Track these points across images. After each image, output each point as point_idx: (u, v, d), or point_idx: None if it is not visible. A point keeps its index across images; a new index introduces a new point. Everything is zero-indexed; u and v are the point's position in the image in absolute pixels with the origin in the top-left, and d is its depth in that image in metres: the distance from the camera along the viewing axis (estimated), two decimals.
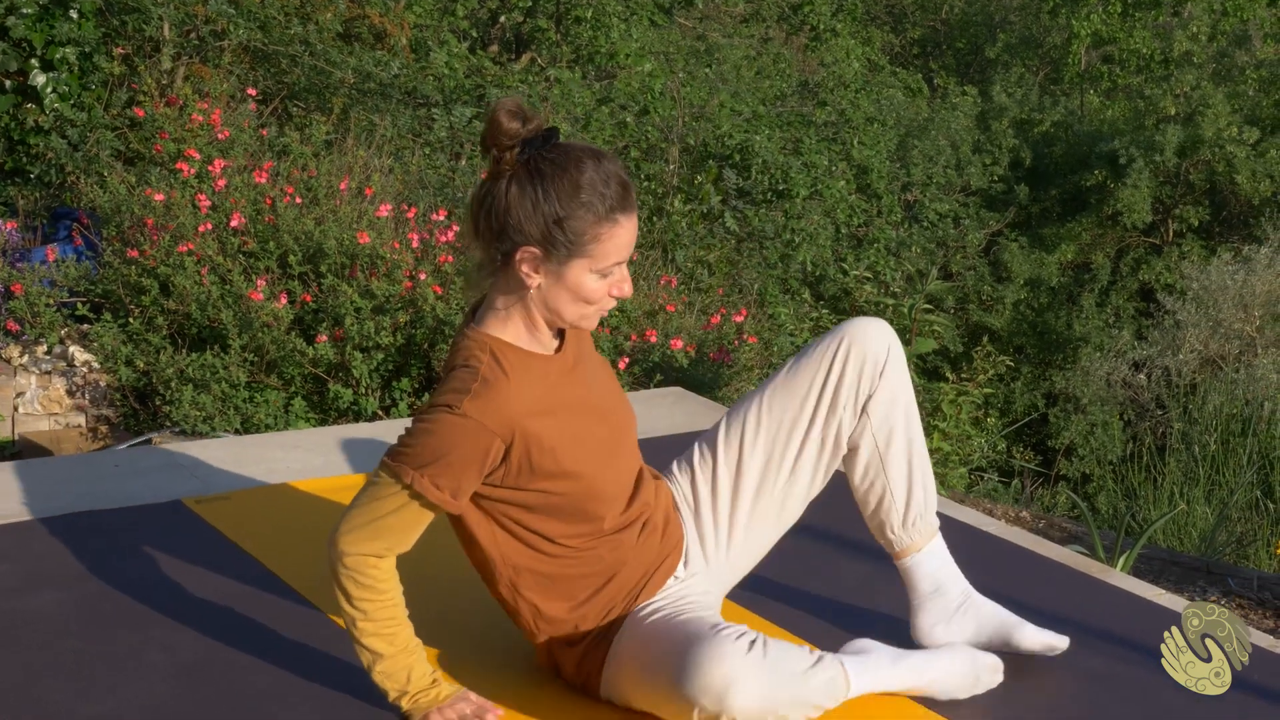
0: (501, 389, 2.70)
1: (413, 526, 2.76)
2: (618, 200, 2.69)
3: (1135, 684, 3.17)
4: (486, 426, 2.68)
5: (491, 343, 2.77)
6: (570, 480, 2.79)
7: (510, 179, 2.68)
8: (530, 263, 2.70)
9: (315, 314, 5.88)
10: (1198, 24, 17.94)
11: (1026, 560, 3.91)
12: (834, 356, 3.08)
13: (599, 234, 2.68)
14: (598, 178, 2.67)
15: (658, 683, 2.73)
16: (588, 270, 2.71)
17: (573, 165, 2.67)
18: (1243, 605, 4.41)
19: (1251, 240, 13.84)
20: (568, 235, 2.66)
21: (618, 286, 2.76)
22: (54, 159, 7.67)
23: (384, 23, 10.48)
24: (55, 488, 4.02)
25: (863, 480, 3.14)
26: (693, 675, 2.63)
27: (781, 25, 16.49)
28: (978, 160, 14.85)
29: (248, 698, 2.90)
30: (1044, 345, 15.16)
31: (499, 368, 2.73)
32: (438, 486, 2.69)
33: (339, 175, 6.54)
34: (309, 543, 3.69)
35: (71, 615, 3.23)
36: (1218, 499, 6.83)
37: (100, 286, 6.29)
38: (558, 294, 2.74)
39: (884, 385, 3.08)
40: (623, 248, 2.73)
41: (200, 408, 5.53)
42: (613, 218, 2.69)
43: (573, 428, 2.81)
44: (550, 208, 2.65)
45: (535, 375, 2.78)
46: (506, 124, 2.65)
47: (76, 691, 2.89)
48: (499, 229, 2.69)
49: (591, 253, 2.69)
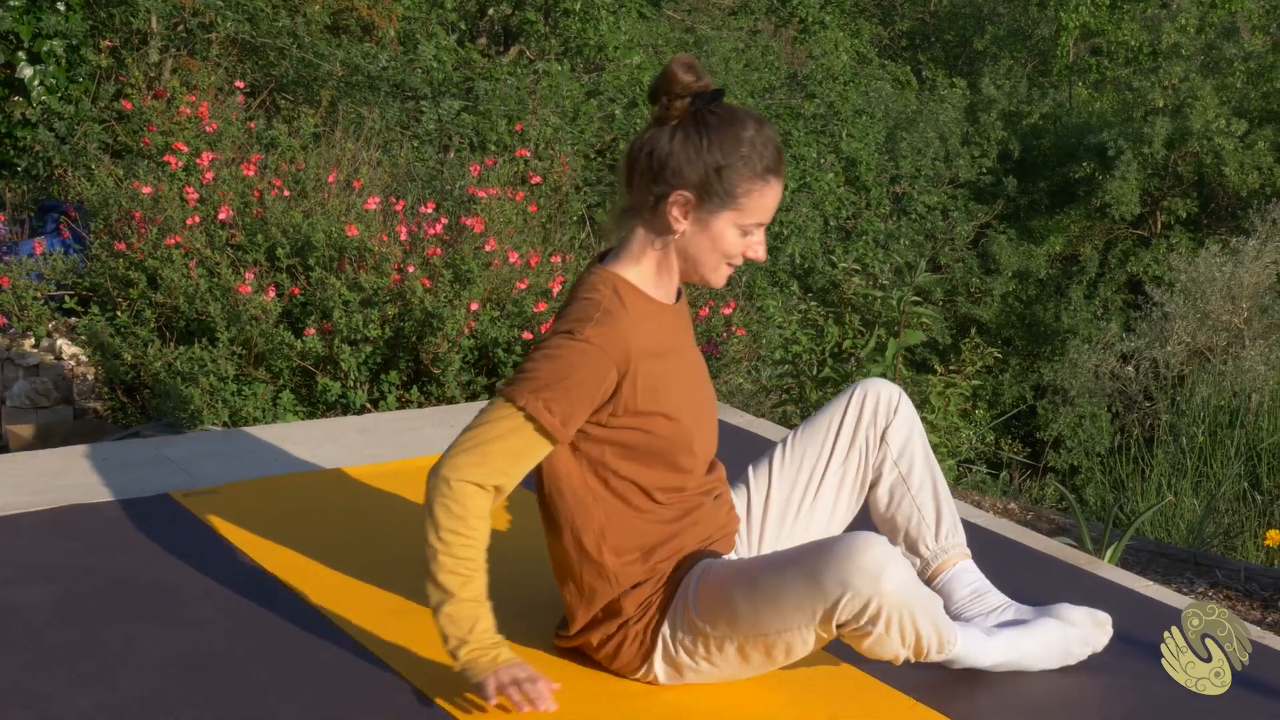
0: (621, 320, 2.83)
1: (520, 457, 2.83)
2: (773, 162, 2.85)
3: (1123, 675, 3.18)
4: (606, 353, 2.80)
5: (616, 280, 2.90)
6: (670, 424, 2.90)
7: (677, 127, 2.83)
8: (681, 207, 2.84)
9: (303, 307, 5.87)
10: (1186, 16, 17.95)
11: (1014, 552, 3.92)
12: (850, 399, 3.28)
13: (751, 189, 2.83)
14: (759, 138, 2.83)
15: (787, 589, 2.78)
16: (732, 223, 2.86)
17: (738, 122, 2.83)
18: (1230, 596, 4.42)
19: (1239, 232, 13.87)
20: (724, 185, 2.82)
21: (752, 248, 2.90)
22: (41, 152, 7.65)
23: (372, 15, 10.47)
24: (44, 481, 4.02)
25: (889, 507, 3.27)
26: (845, 559, 2.71)
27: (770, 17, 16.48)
28: (966, 152, 14.87)
29: (238, 690, 2.90)
30: (1032, 337, 15.18)
31: (619, 301, 2.86)
32: (550, 411, 2.78)
33: (327, 168, 6.53)
34: (298, 535, 3.69)
35: (60, 608, 3.23)
36: (1205, 490, 6.85)
37: (88, 279, 6.28)
38: (700, 243, 2.88)
39: (899, 420, 3.25)
40: (767, 209, 2.88)
41: (188, 401, 5.53)
42: (766, 178, 2.84)
43: (679, 375, 2.95)
44: (712, 157, 2.81)
45: (651, 318, 2.91)
46: (681, 75, 2.80)
47: (68, 683, 2.89)
48: (657, 172, 2.84)
49: (741, 206, 2.84)
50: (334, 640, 3.13)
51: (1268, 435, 7.10)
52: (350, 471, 4.21)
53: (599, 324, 2.81)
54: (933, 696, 3.01)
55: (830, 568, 2.72)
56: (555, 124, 8.65)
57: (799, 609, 2.77)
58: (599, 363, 2.79)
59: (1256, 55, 16.64)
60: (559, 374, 2.78)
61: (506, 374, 5.70)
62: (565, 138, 8.54)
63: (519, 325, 5.80)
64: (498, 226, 6.13)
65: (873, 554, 2.70)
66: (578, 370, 2.78)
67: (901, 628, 2.76)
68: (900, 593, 2.71)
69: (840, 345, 6.67)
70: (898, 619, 2.74)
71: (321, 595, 3.34)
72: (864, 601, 2.71)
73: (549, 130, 8.29)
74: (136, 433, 5.49)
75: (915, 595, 2.76)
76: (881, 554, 2.70)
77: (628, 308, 2.87)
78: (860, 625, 2.74)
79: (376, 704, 2.87)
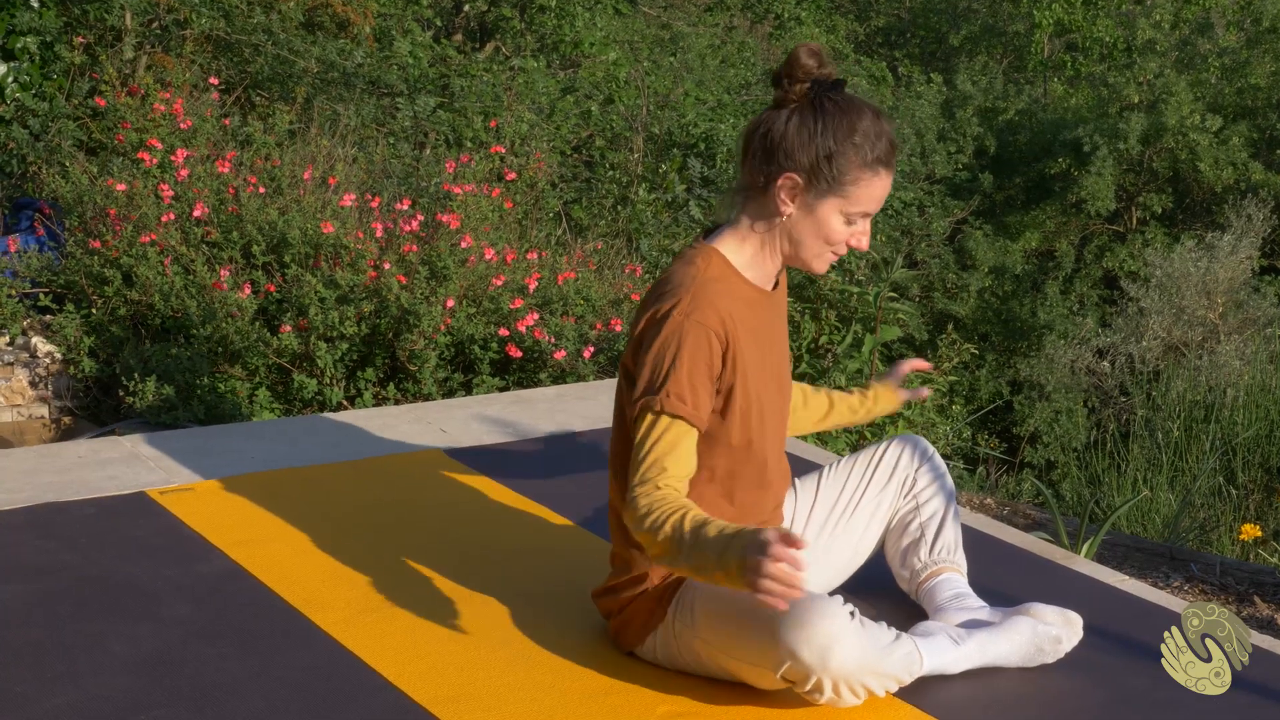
0: (712, 291, 2.86)
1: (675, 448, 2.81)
2: (884, 154, 2.88)
3: (1099, 668, 3.19)
4: (707, 327, 2.83)
5: (714, 254, 2.94)
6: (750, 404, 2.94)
7: (794, 110, 2.87)
8: (789, 190, 2.88)
9: (279, 304, 5.86)
10: (1160, 12, 17.99)
11: (991, 546, 3.93)
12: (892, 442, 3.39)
13: (859, 178, 2.86)
14: (873, 128, 2.86)
15: (749, 632, 2.79)
16: (838, 210, 2.89)
17: (854, 111, 2.86)
18: (1205, 591, 4.43)
19: (1214, 227, 13.91)
20: (833, 171, 2.85)
21: (856, 237, 2.94)
22: (15, 149, 7.62)
23: (347, 11, 10.44)
24: (18, 479, 4.00)
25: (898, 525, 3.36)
26: (797, 627, 2.70)
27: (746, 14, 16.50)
28: (942, 148, 14.87)
29: (210, 689, 2.89)
30: (1008, 333, 15.20)
31: (713, 275, 2.90)
32: (684, 401, 2.81)
33: (302, 165, 6.51)
34: (273, 533, 3.69)
35: (33, 607, 3.22)
36: (1181, 485, 6.86)
37: (63, 277, 6.26)
38: (804, 227, 2.91)
39: (928, 466, 3.35)
40: (875, 199, 2.90)
41: (164, 399, 5.51)
42: (875, 168, 2.87)
43: (762, 364, 2.97)
44: (825, 142, 2.84)
45: (742, 300, 2.93)
46: (805, 60, 2.85)
47: (38, 683, 2.87)
48: (770, 154, 2.88)
49: (848, 194, 2.87)
50: (309, 638, 3.12)
51: (1243, 430, 7.11)
52: (326, 469, 4.20)
53: (694, 299, 2.84)
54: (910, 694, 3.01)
55: (784, 631, 2.71)
56: (531, 120, 8.64)
57: (756, 657, 2.80)
58: (703, 339, 2.83)
59: (1230, 51, 16.68)
60: (674, 364, 2.81)
61: (483, 371, 5.70)
62: (541, 134, 8.52)
63: (495, 322, 5.80)
64: (474, 223, 6.12)
65: (823, 628, 2.69)
66: (687, 353, 2.82)
67: (851, 690, 2.76)
68: (846, 668, 2.71)
69: (817, 341, 6.67)
70: (846, 687, 2.75)
71: (297, 593, 3.33)
72: (806, 672, 2.71)
73: (525, 126, 8.28)
74: (112, 430, 5.47)
75: (863, 667, 2.74)
76: (832, 629, 2.70)
77: (723, 281, 2.90)
78: (807, 690, 2.76)
79: (352, 702, 2.86)
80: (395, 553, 3.57)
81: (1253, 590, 4.43)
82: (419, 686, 2.92)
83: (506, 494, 4.06)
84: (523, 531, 3.79)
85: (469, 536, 3.71)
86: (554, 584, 3.35)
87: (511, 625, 3.21)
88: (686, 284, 2.86)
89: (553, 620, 3.23)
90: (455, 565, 3.51)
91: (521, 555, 3.62)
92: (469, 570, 3.50)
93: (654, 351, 2.83)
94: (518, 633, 3.17)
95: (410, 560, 3.53)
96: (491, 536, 3.74)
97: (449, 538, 3.69)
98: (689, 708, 2.89)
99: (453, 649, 3.09)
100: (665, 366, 2.81)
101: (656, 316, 2.85)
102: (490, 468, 4.26)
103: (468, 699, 2.88)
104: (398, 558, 3.54)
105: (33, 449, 4.35)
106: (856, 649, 2.71)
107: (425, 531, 3.73)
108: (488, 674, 2.99)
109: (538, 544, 3.68)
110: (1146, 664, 3.18)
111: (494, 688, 2.93)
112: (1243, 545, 5.82)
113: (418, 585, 3.40)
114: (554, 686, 2.95)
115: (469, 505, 3.95)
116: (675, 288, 2.87)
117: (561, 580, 3.35)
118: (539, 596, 3.36)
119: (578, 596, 3.22)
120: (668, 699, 2.92)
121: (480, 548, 3.65)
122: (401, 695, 2.89)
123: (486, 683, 2.95)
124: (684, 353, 2.81)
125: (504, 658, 3.06)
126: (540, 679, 2.98)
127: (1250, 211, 12.62)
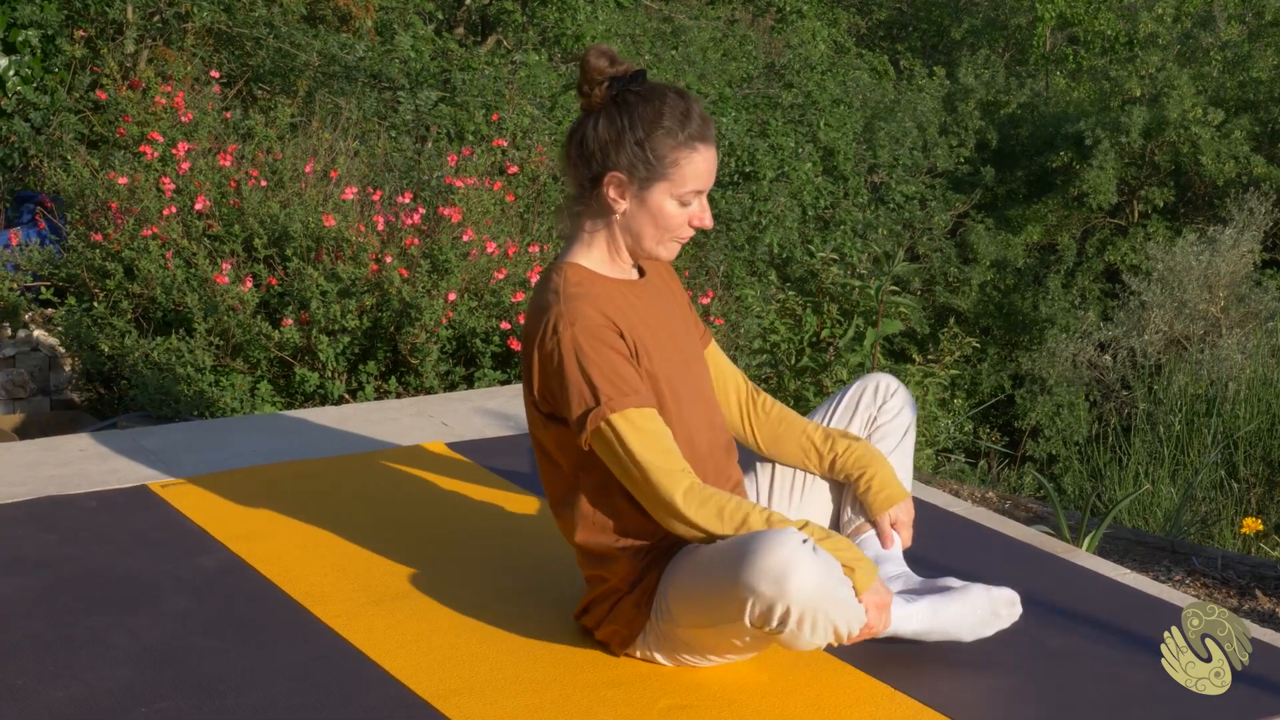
0: (585, 294, 2.90)
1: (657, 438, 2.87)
2: (698, 130, 2.90)
3: (1100, 663, 3.19)
4: (591, 322, 2.87)
5: (568, 269, 2.96)
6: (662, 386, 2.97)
7: (600, 113, 2.91)
8: (616, 188, 2.92)
9: (281, 297, 5.86)
10: (1163, 5, 17.97)
11: (992, 540, 3.93)
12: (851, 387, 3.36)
13: (678, 158, 2.89)
14: (678, 107, 2.89)
15: (714, 588, 2.80)
16: (668, 195, 2.91)
17: (656, 97, 2.90)
18: (1206, 584, 4.43)
19: (1216, 221, 13.89)
20: (649, 157, 2.88)
21: (698, 218, 2.96)
22: (17, 142, 7.62)
23: (349, 5, 10.42)
24: (20, 472, 4.01)
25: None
26: (752, 561, 2.71)
27: (747, 7, 16.46)
28: (944, 142, 14.85)
29: (211, 681, 2.89)
30: (1010, 326, 15.18)
31: (578, 285, 2.93)
32: (625, 396, 2.85)
33: (304, 158, 6.50)
34: (275, 527, 3.69)
35: (36, 600, 3.22)
36: (1182, 479, 6.87)
37: (64, 270, 6.26)
38: (640, 219, 2.94)
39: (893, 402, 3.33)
40: (701, 175, 2.92)
41: (165, 392, 5.51)
42: (691, 144, 2.89)
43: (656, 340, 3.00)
44: (635, 133, 2.88)
45: (615, 297, 2.96)
46: (595, 62, 2.89)
47: (41, 675, 2.88)
48: (588, 159, 2.92)
49: (671, 176, 2.90)
50: (310, 631, 3.13)
51: (1244, 423, 7.11)
52: (328, 462, 4.20)
53: (566, 308, 2.88)
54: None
55: (740, 569, 2.72)
56: (533, 114, 8.63)
57: (722, 604, 2.79)
58: (596, 334, 2.86)
59: (1232, 44, 16.65)
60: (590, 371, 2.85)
61: (484, 364, 5.70)
62: (543, 128, 8.51)
63: (497, 315, 5.79)
64: (475, 216, 6.11)
65: (777, 556, 2.69)
66: (592, 354, 2.85)
67: (814, 624, 2.75)
68: (804, 592, 2.70)
69: (819, 335, 6.67)
70: (810, 618, 2.73)
71: (298, 586, 3.33)
72: (769, 604, 2.71)
73: (526, 120, 8.27)
74: (114, 424, 5.47)
75: (822, 592, 2.73)
76: (786, 557, 2.69)
77: (589, 285, 2.93)
78: (773, 626, 2.75)
79: (353, 695, 2.86)
80: (396, 546, 3.57)
81: (1254, 584, 4.43)
82: (420, 680, 2.92)
83: (508, 487, 4.06)
84: (524, 525, 3.80)
85: (470, 530, 3.72)
86: (555, 577, 3.35)
87: (513, 618, 3.21)
88: (553, 301, 2.90)
89: (555, 614, 3.23)
90: (456, 558, 3.51)
91: (522, 548, 3.62)
92: (470, 563, 3.50)
93: (566, 374, 2.86)
94: (520, 626, 3.17)
95: (412, 553, 3.53)
96: (492, 530, 3.75)
97: (450, 531, 3.69)
98: (690, 700, 2.89)
99: (454, 642, 3.09)
100: (584, 378, 2.85)
101: (544, 344, 2.89)
102: (492, 461, 4.26)
103: (469, 692, 2.88)
104: (399, 551, 3.54)
105: (34, 442, 4.35)
106: (813, 574, 2.70)
107: (427, 525, 3.73)
108: (489, 667, 2.99)
109: (539, 537, 3.68)
110: (1148, 658, 3.18)
111: (495, 681, 2.93)
112: (1244, 539, 5.82)
113: (419, 578, 3.40)
114: (556, 680, 2.95)
115: (470, 498, 3.95)
116: (545, 309, 2.91)
117: (563, 574, 3.35)
118: (540, 590, 3.36)
119: (579, 590, 3.22)
120: (669, 693, 2.92)
121: (481, 541, 3.65)
122: (403, 688, 2.89)
123: (488, 676, 2.95)
124: (589, 355, 2.85)
125: (505, 651, 3.06)
126: (542, 673, 2.98)
127: (1252, 205, 12.62)
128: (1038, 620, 3.30)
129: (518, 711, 2.82)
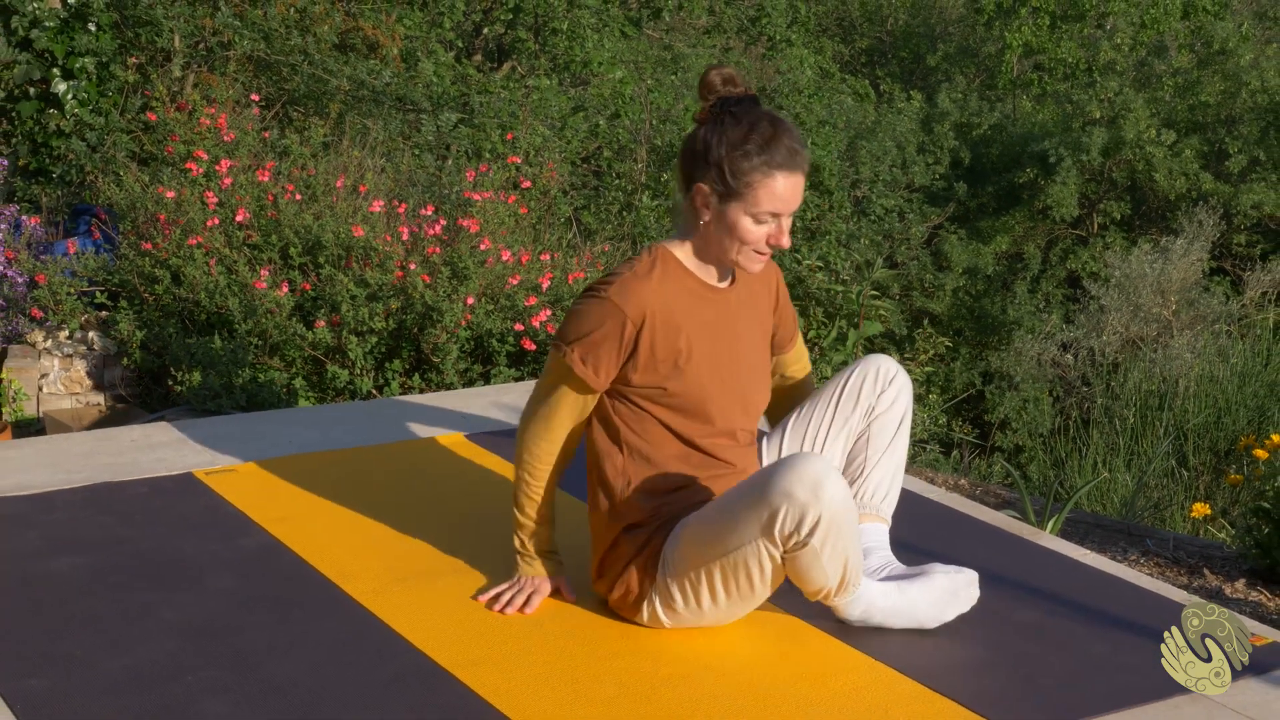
0: (644, 284, 2.90)
1: (570, 410, 2.98)
2: (781, 158, 2.87)
3: (1062, 636, 3.19)
4: (622, 308, 2.87)
5: (661, 251, 2.98)
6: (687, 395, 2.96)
7: (703, 125, 2.89)
8: (703, 198, 2.91)
9: (314, 301, 5.86)
10: (1120, 35, 17.97)
11: (964, 524, 3.93)
12: (855, 368, 3.29)
13: (753, 180, 2.86)
14: (766, 134, 2.86)
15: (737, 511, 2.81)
16: (744, 213, 2.89)
17: (748, 120, 2.88)
18: (1159, 564, 4.43)
19: (1169, 232, 13.88)
20: (727, 175, 2.86)
21: (775, 236, 2.93)
22: (74, 160, 7.62)
23: (377, 34, 10.43)
24: (77, 461, 4.01)
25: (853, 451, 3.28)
26: (788, 470, 2.73)
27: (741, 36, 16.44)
28: (921, 160, 14.83)
29: (251, 653, 2.89)
30: (980, 328, 15.18)
31: (655, 269, 2.93)
32: (583, 361, 2.89)
33: (335, 174, 6.50)
34: (309, 510, 3.69)
35: (90, 578, 3.22)
36: (1137, 467, 6.86)
37: (117, 277, 6.25)
38: (720, 230, 2.93)
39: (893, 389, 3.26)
40: (776, 199, 2.88)
41: (208, 388, 5.51)
42: (768, 170, 2.86)
43: (711, 354, 2.98)
44: (720, 151, 2.86)
45: (689, 293, 2.96)
46: (709, 80, 2.92)
47: (98, 646, 2.88)
48: (688, 167, 2.92)
49: (745, 196, 2.87)
50: (342, 607, 3.13)
51: (1193, 417, 7.11)
52: (357, 452, 4.20)
53: (623, 283, 2.89)
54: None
55: (774, 480, 2.73)
56: (544, 134, 8.63)
57: (748, 523, 2.78)
58: (614, 316, 2.87)
59: (1183, 71, 16.64)
60: (582, 328, 2.90)
61: (500, 362, 5.70)
62: (553, 146, 8.50)
63: (511, 318, 5.79)
64: (492, 227, 6.11)
65: (813, 467, 2.72)
66: (598, 324, 2.88)
67: (834, 546, 2.76)
68: (836, 503, 2.72)
69: (805, 335, 6.67)
70: (833, 536, 2.74)
71: (330, 566, 3.34)
72: (802, 510, 2.71)
73: (538, 139, 8.26)
74: (162, 416, 5.47)
75: (848, 513, 2.76)
76: (821, 468, 2.72)
77: (663, 276, 2.93)
78: (801, 537, 2.74)
79: (380, 664, 2.86)
80: (420, 529, 3.57)
81: (1203, 564, 4.43)
82: (442, 651, 2.92)
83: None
84: None
85: (488, 514, 3.71)
86: (566, 557, 3.35)
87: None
88: (623, 273, 2.92)
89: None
90: (475, 540, 3.51)
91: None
92: (488, 545, 3.50)
93: (577, 310, 2.93)
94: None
95: (434, 535, 3.53)
96: (507, 514, 3.74)
97: (470, 515, 3.69)
98: (687, 671, 2.89)
99: (473, 617, 3.10)
100: (577, 329, 2.91)
101: (593, 287, 2.93)
102: (507, 451, 4.25)
103: (486, 662, 2.88)
104: (423, 533, 3.54)
105: (90, 433, 4.35)
106: (843, 488, 2.74)
107: (448, 509, 3.73)
108: (504, 639, 2.99)
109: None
110: (1107, 631, 3.18)
111: (510, 652, 2.94)
112: (1193, 522, 5.82)
113: (441, 558, 3.40)
114: (564, 651, 2.96)
115: (488, 485, 3.95)
116: (614, 275, 2.94)
117: (573, 554, 3.35)
118: None
119: (588, 568, 3.22)
120: (668, 663, 2.92)
121: (497, 524, 3.65)
122: (425, 658, 2.89)
123: (503, 647, 2.96)
124: (595, 321, 2.89)
125: (519, 625, 3.07)
126: (552, 644, 2.98)
127: (1201, 218, 12.61)
128: (1005, 597, 3.30)
129: (530, 680, 2.82)
